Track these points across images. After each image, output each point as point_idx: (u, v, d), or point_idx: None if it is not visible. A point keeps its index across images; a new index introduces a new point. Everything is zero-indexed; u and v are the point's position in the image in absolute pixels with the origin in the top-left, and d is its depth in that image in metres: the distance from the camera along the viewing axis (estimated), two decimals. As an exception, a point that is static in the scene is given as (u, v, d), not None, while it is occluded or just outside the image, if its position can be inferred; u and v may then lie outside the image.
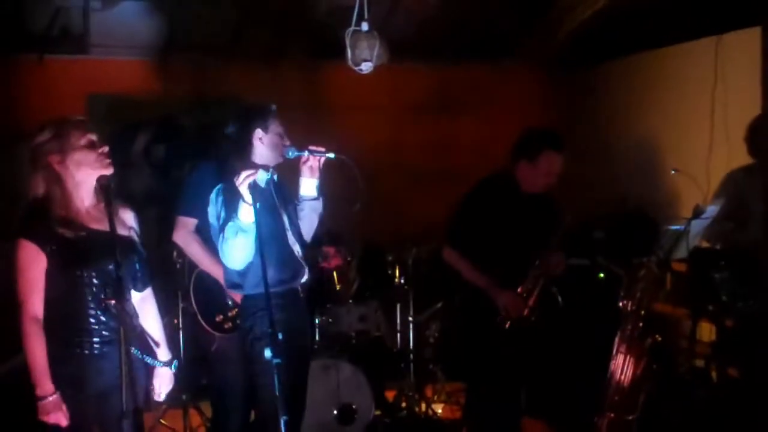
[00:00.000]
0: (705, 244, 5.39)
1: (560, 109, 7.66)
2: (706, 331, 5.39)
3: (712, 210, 5.18)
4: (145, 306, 3.61)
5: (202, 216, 4.59)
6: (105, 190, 3.33)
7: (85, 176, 3.38)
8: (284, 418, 3.35)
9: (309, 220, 4.29)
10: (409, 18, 6.71)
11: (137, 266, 3.49)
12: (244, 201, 3.78)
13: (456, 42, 7.31)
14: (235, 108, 4.44)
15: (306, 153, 4.11)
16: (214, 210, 4.08)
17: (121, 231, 3.43)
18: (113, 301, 3.20)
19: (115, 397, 3.15)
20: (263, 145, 4.18)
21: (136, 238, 3.54)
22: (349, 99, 7.42)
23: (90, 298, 3.33)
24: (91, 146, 3.38)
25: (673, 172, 5.78)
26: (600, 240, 5.31)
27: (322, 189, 4.21)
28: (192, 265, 4.70)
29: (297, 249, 4.21)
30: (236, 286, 4.16)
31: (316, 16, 6.57)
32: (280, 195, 4.28)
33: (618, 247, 5.19)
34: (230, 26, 6.97)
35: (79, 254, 3.31)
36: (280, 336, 3.51)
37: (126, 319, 3.12)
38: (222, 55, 7.28)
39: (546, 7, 7.06)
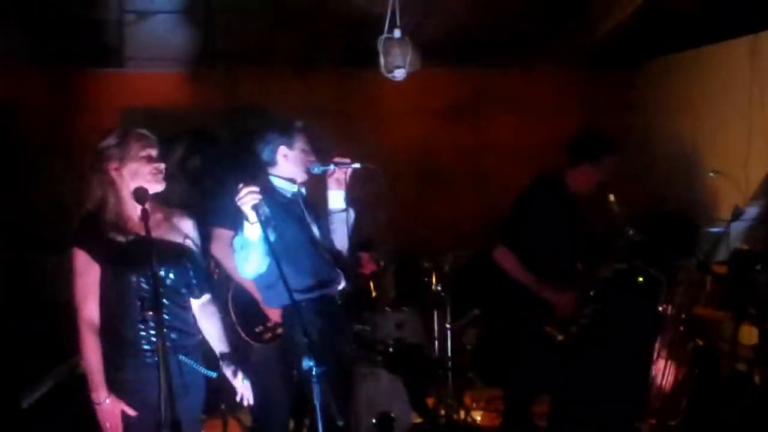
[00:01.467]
0: (745, 246, 5.32)
1: (595, 111, 7.60)
2: (748, 335, 5.31)
3: (752, 212, 5.12)
4: (204, 313, 3.70)
5: (239, 227, 4.62)
6: (140, 199, 3.37)
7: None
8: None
9: (340, 231, 4.32)
10: (441, 23, 6.69)
11: (191, 273, 3.55)
12: (246, 219, 3.76)
13: (488, 46, 7.27)
14: (261, 125, 4.47)
15: (332, 167, 4.14)
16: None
17: (175, 238, 3.54)
18: (150, 313, 3.26)
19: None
20: (288, 162, 4.22)
21: (192, 245, 3.61)
22: (382, 106, 7.42)
23: (140, 304, 3.39)
24: (149, 160, 3.48)
25: (712, 174, 5.72)
26: (638, 243, 5.24)
27: (351, 199, 4.24)
28: (230, 276, 4.72)
29: (328, 257, 4.25)
30: (269, 300, 4.23)
31: (348, 24, 6.56)
32: (308, 207, 4.32)
33: (657, 250, 5.13)
34: (262, 36, 6.98)
35: (130, 259, 3.38)
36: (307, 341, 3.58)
37: (161, 330, 3.14)
38: (254, 65, 7.32)
39: (580, 8, 7.01)
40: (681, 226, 5.69)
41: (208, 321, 3.72)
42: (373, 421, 5.25)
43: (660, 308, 4.57)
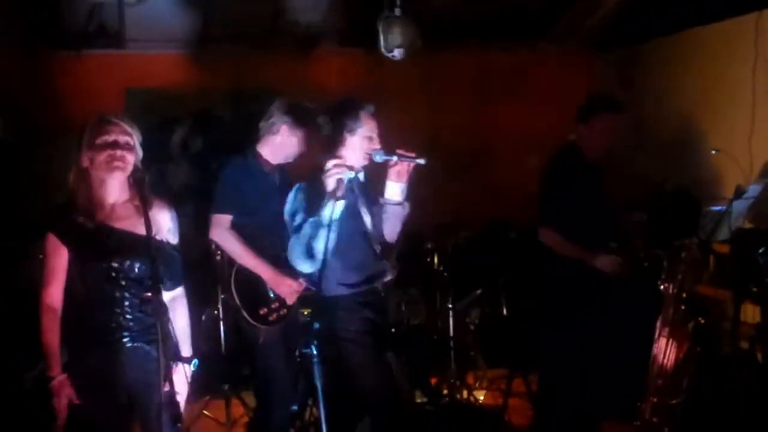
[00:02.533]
0: (748, 225, 5.30)
1: (599, 90, 7.56)
2: (751, 313, 5.30)
3: (754, 190, 5.09)
4: (173, 305, 3.60)
5: (237, 211, 4.62)
6: (138, 185, 3.38)
7: (103, 174, 3.45)
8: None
9: (391, 223, 4.23)
10: (443, 2, 6.67)
11: (160, 267, 3.38)
12: (329, 195, 3.79)
13: (490, 25, 7.24)
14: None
15: (394, 158, 4.04)
16: (290, 208, 4.08)
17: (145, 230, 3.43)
18: (149, 294, 3.27)
19: (146, 392, 3.35)
20: (347, 147, 4.11)
21: (165, 238, 3.57)
22: (384, 86, 7.39)
23: (112, 293, 3.43)
24: (104, 146, 3.43)
25: (714, 152, 5.69)
26: (641, 222, 5.23)
27: (408, 194, 4.18)
28: (232, 259, 4.73)
29: (378, 250, 4.19)
30: (315, 285, 4.08)
31: (350, 4, 6.55)
32: (364, 195, 4.24)
33: (660, 229, 5.11)
34: (265, 17, 6.97)
35: (97, 248, 3.40)
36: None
37: (161, 313, 3.15)
38: (257, 46, 7.30)
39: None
40: (683, 205, 5.67)
41: (174, 317, 3.57)
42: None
43: (661, 287, 4.54)
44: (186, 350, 3.67)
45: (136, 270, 3.46)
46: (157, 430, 3.30)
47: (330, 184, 3.82)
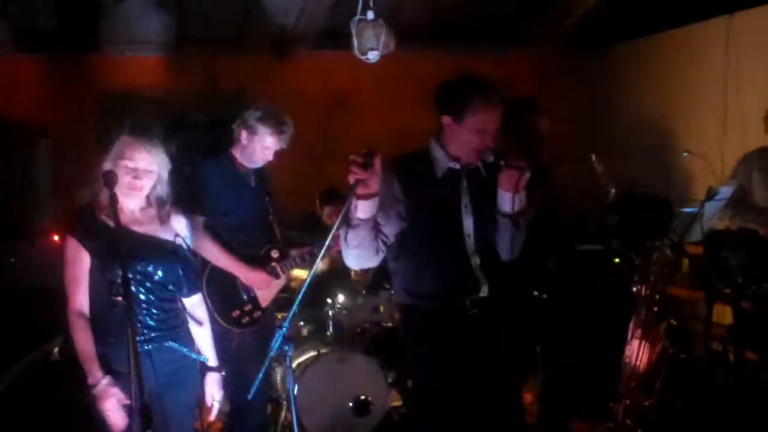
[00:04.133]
0: (721, 226, 5.33)
1: (571, 92, 7.60)
2: (723, 314, 5.33)
3: (725, 191, 5.12)
4: (194, 312, 3.74)
5: (210, 212, 4.60)
6: (107, 183, 3.35)
7: (122, 191, 3.47)
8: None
9: (503, 237, 3.66)
10: (416, 5, 6.68)
11: (180, 272, 3.56)
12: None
13: (464, 28, 7.26)
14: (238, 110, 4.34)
15: (501, 162, 3.55)
16: None
17: (167, 236, 3.56)
18: (119, 299, 3.27)
19: (170, 393, 3.45)
20: (448, 134, 3.71)
21: (183, 244, 3.61)
22: (359, 89, 7.41)
23: (136, 296, 3.45)
24: (124, 171, 3.47)
25: (685, 154, 5.72)
26: (613, 224, 5.25)
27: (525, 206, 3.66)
28: (204, 262, 4.70)
29: (476, 261, 3.65)
30: (408, 294, 3.74)
31: (323, 7, 6.55)
32: (469, 192, 3.70)
33: (631, 231, 5.14)
34: (239, 19, 6.96)
35: (116, 251, 3.34)
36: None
37: (133, 317, 3.14)
38: (232, 49, 7.29)
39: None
40: (655, 207, 5.70)
41: (195, 324, 3.76)
42: (350, 404, 5.25)
43: (634, 289, 4.56)
44: (212, 360, 3.78)
45: (159, 274, 3.51)
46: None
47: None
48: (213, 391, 3.82)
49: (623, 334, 4.63)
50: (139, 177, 3.50)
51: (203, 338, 3.79)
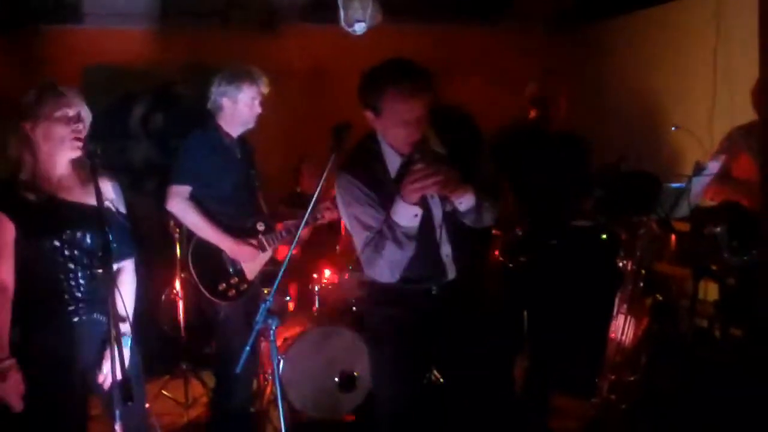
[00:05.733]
0: (709, 202, 5.32)
1: (559, 68, 7.55)
2: (709, 291, 5.33)
3: (713, 166, 5.10)
4: (119, 277, 3.48)
5: (196, 183, 4.57)
6: (90, 157, 3.25)
7: (57, 149, 3.34)
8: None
9: (469, 218, 3.49)
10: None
11: (110, 237, 3.22)
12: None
13: (451, 2, 7.20)
14: None
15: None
16: None
17: (95, 202, 3.25)
18: (100, 270, 3.19)
19: (100, 365, 3.27)
20: (378, 130, 3.47)
21: (112, 208, 3.43)
22: (345, 62, 7.33)
23: (59, 268, 3.30)
24: (65, 121, 3.32)
25: (673, 128, 5.70)
26: (600, 199, 5.23)
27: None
28: (190, 235, 4.68)
29: (446, 250, 3.55)
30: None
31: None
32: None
33: (617, 206, 5.12)
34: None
35: (44, 221, 3.27)
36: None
37: (113, 286, 3.05)
38: (217, 21, 7.22)
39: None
40: (642, 182, 5.68)
41: (122, 285, 3.46)
42: (336, 379, 5.24)
43: (620, 264, 4.55)
44: (126, 328, 3.43)
45: (88, 241, 3.34)
46: (113, 405, 3.06)
47: None
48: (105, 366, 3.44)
49: (609, 309, 4.62)
50: (81, 122, 3.34)
51: (127, 305, 3.45)
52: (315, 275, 5.73)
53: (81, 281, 3.35)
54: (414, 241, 3.34)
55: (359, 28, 5.19)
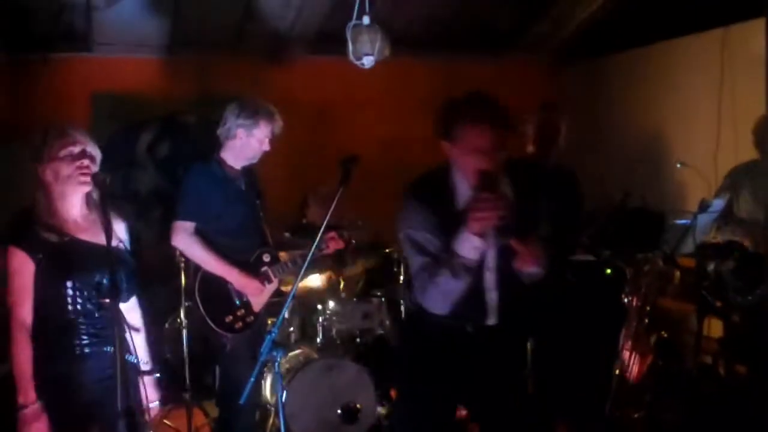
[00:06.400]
0: (714, 239, 5.33)
1: (565, 102, 7.59)
2: (714, 328, 5.32)
3: (718, 204, 5.12)
4: (129, 316, 3.54)
5: (200, 218, 4.59)
6: (100, 189, 3.31)
7: (66, 187, 3.38)
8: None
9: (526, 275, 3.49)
10: (411, 12, 6.67)
11: (122, 276, 3.40)
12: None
13: (458, 37, 7.25)
14: None
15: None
16: None
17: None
18: (108, 300, 3.22)
19: (108, 398, 3.14)
20: (452, 160, 3.50)
21: (123, 248, 3.50)
22: (352, 95, 7.39)
23: (75, 306, 3.34)
24: (70, 159, 3.36)
25: (678, 165, 5.72)
26: (604, 233, 5.25)
27: None
28: (196, 268, 4.69)
29: (492, 296, 3.53)
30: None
31: (318, 12, 6.53)
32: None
33: (623, 242, 5.13)
34: (233, 23, 6.93)
35: (64, 263, 3.31)
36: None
37: (121, 317, 3.09)
38: (225, 52, 7.26)
39: (550, 1, 7.02)
40: (648, 219, 5.70)
41: (132, 329, 3.50)
42: (338, 411, 5.22)
43: (625, 300, 4.55)
44: (148, 362, 3.64)
45: (97, 279, 3.37)
46: None
47: None
48: (149, 393, 3.59)
49: (613, 344, 4.62)
50: (88, 161, 3.37)
51: (138, 342, 3.59)
52: (319, 306, 5.72)
53: (93, 318, 3.39)
54: (470, 275, 3.34)
55: (368, 61, 5.22)
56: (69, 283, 3.31)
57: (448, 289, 3.37)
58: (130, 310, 3.62)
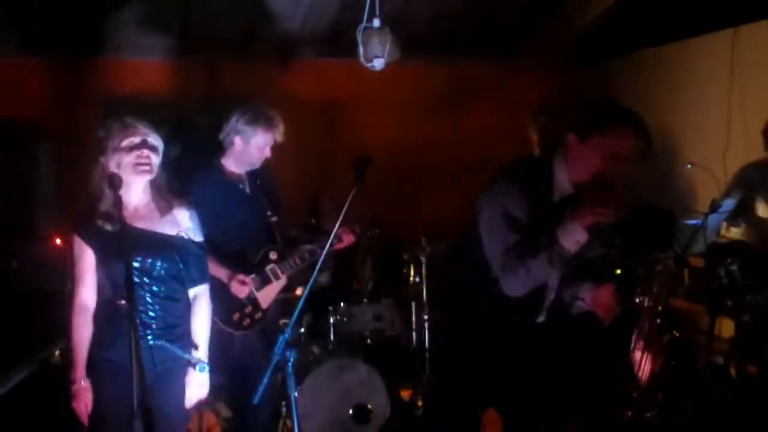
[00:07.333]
0: (724, 239, 5.33)
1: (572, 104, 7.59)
2: (725, 327, 5.32)
3: (729, 204, 5.12)
4: (195, 302, 3.74)
5: (201, 222, 4.61)
6: (112, 186, 3.41)
7: (128, 176, 3.51)
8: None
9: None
10: (421, 15, 6.68)
11: (181, 266, 3.60)
12: None
13: (467, 38, 7.25)
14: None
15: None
16: None
17: (169, 230, 3.59)
18: (123, 302, 3.26)
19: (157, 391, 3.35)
20: (570, 154, 3.54)
21: (186, 237, 3.64)
22: (362, 97, 7.40)
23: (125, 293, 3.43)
24: (129, 149, 3.50)
25: (688, 166, 5.72)
26: (616, 233, 5.25)
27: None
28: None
29: (551, 296, 3.72)
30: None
31: (328, 14, 6.55)
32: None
33: (634, 242, 5.13)
34: (242, 25, 6.95)
35: (116, 250, 3.41)
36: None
37: (135, 319, 3.11)
38: (236, 54, 7.27)
39: (560, 1, 7.01)
40: (658, 219, 5.70)
41: (197, 311, 3.76)
42: (350, 412, 5.24)
43: (636, 300, 4.55)
44: (201, 354, 3.74)
45: (158, 268, 3.54)
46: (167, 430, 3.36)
47: None
48: (191, 389, 3.77)
49: (625, 345, 4.61)
50: (148, 151, 3.53)
51: (200, 332, 3.75)
52: (330, 307, 5.73)
53: (150, 306, 3.54)
54: (561, 268, 3.42)
55: (378, 63, 5.23)
56: (120, 269, 3.37)
57: (536, 276, 3.44)
58: (198, 296, 3.75)
